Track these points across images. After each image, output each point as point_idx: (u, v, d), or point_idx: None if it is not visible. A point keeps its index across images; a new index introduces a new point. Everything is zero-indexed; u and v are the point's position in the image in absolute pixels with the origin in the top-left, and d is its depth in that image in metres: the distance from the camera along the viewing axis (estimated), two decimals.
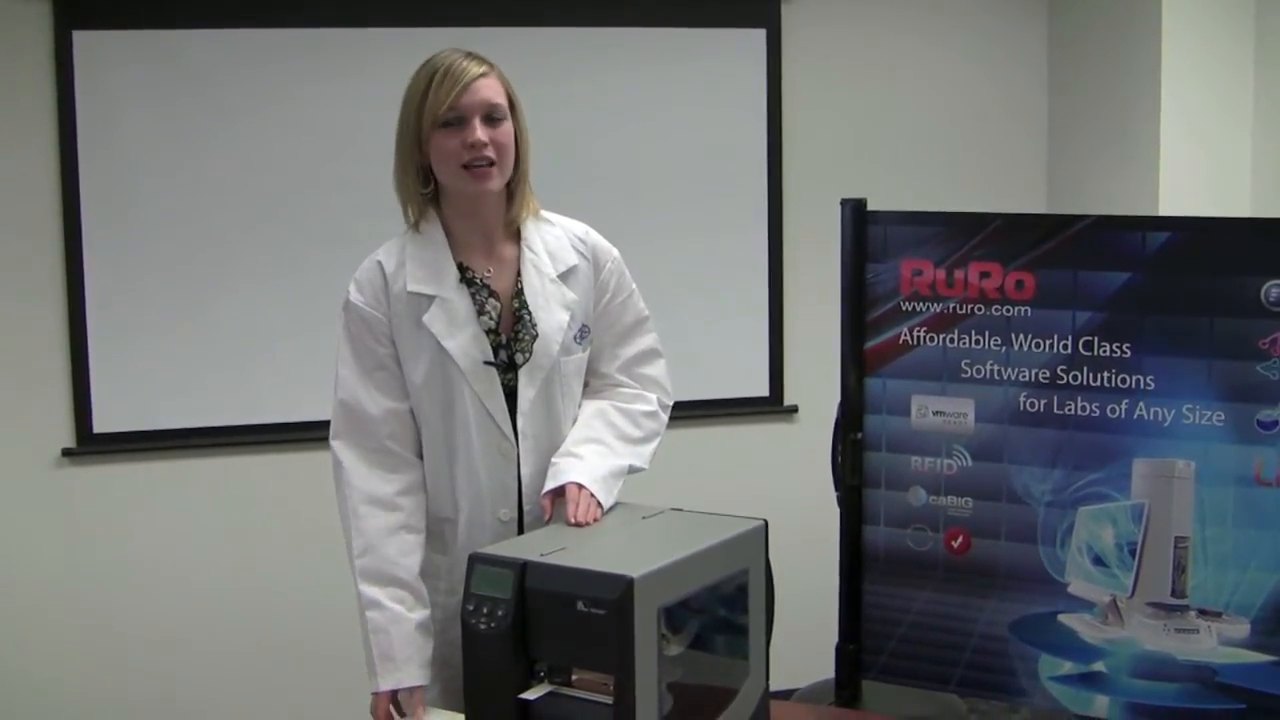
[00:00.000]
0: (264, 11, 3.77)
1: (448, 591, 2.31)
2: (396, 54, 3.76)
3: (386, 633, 2.20)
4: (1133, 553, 2.41)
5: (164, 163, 3.74)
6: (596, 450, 2.32)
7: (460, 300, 2.28)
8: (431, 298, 2.26)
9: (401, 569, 2.23)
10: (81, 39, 3.65)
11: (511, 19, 3.88)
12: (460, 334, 2.25)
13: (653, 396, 2.46)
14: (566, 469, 2.26)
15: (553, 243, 2.37)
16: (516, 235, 2.36)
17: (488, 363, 2.27)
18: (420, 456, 2.33)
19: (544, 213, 2.40)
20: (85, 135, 3.67)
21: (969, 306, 2.52)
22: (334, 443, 2.28)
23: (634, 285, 2.46)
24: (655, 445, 2.44)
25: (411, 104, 2.24)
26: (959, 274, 2.52)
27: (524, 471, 2.32)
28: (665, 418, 2.48)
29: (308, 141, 3.81)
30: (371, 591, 2.22)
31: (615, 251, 2.44)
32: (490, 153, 2.21)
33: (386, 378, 2.28)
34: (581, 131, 3.97)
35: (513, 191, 2.32)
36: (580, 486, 2.23)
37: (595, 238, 2.43)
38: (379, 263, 2.29)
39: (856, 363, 2.57)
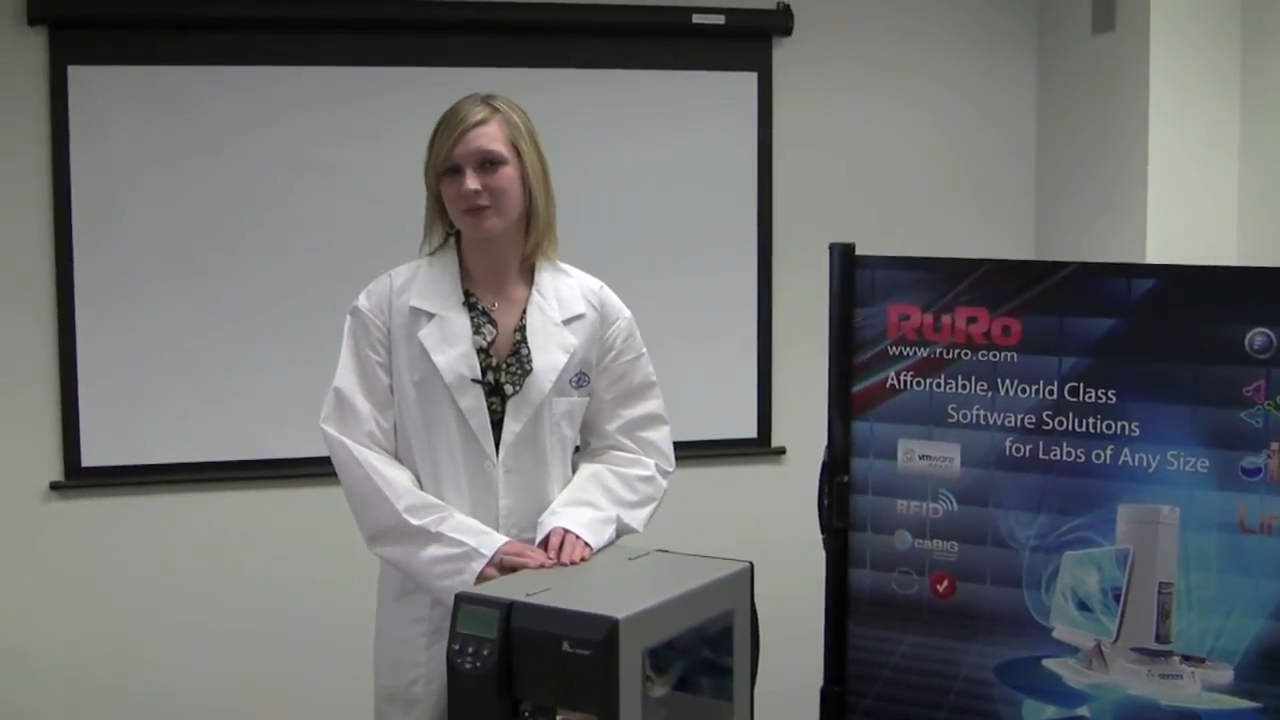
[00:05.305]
0: (258, 50, 3.79)
1: (432, 604, 2.33)
2: (387, 93, 3.85)
3: (454, 518, 2.28)
4: (1117, 598, 2.41)
5: (157, 197, 3.76)
6: (585, 508, 2.35)
7: (457, 320, 2.33)
8: (431, 315, 2.32)
9: (433, 496, 2.33)
10: (77, 74, 3.67)
11: (502, 61, 3.91)
12: (451, 350, 2.31)
13: (650, 462, 2.48)
14: (551, 522, 2.30)
15: (564, 291, 2.42)
16: (530, 279, 2.41)
17: (474, 380, 2.31)
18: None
19: (562, 264, 2.45)
20: (78, 168, 3.69)
21: (955, 351, 2.53)
22: (324, 425, 2.35)
23: (644, 350, 2.50)
24: (651, 510, 2.47)
25: (428, 150, 2.35)
26: (946, 319, 2.53)
27: (502, 504, 2.34)
28: (664, 484, 2.50)
29: (301, 178, 3.83)
30: (422, 514, 2.28)
31: (628, 312, 2.49)
32: (484, 200, 2.28)
33: (375, 384, 2.35)
34: (572, 172, 3.97)
35: (529, 230, 2.39)
36: (566, 530, 2.25)
37: (609, 294, 2.48)
38: (390, 275, 2.39)
39: (844, 406, 2.58)
